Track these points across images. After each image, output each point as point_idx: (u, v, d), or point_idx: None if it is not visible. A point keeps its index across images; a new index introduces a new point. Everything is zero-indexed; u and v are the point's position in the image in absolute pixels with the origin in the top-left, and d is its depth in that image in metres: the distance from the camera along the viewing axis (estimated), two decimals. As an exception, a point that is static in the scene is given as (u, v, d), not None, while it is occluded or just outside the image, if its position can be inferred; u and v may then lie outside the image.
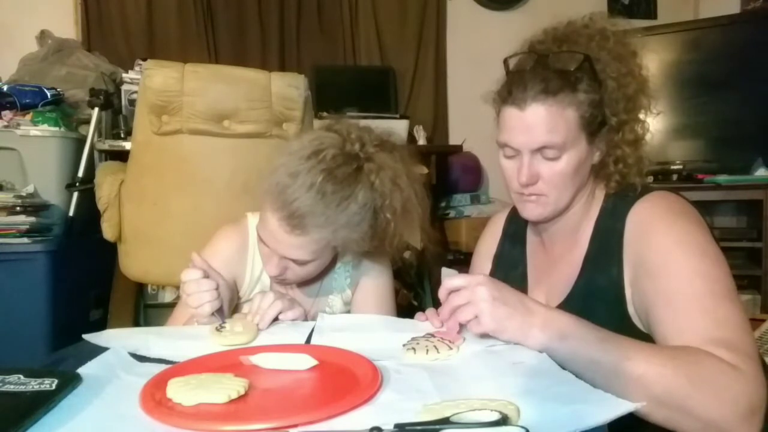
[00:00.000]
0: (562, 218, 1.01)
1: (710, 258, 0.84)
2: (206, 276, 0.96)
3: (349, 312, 1.16)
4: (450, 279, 0.83)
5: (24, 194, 2.01)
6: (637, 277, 0.88)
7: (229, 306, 1.04)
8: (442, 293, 0.84)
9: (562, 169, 0.92)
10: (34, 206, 2.03)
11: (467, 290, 0.80)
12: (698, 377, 0.71)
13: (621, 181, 0.96)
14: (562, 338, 0.75)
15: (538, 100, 0.89)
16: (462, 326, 0.84)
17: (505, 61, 0.98)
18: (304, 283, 1.11)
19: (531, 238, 1.12)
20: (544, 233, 1.06)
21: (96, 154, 2.23)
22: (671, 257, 0.84)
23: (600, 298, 0.92)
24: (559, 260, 1.03)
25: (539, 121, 0.89)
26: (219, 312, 0.97)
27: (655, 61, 2.92)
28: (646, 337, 0.86)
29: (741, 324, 0.79)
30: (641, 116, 0.96)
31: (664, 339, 0.81)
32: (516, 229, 1.16)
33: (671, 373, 0.71)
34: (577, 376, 0.68)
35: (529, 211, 0.98)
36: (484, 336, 0.81)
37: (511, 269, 1.13)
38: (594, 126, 0.92)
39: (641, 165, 0.96)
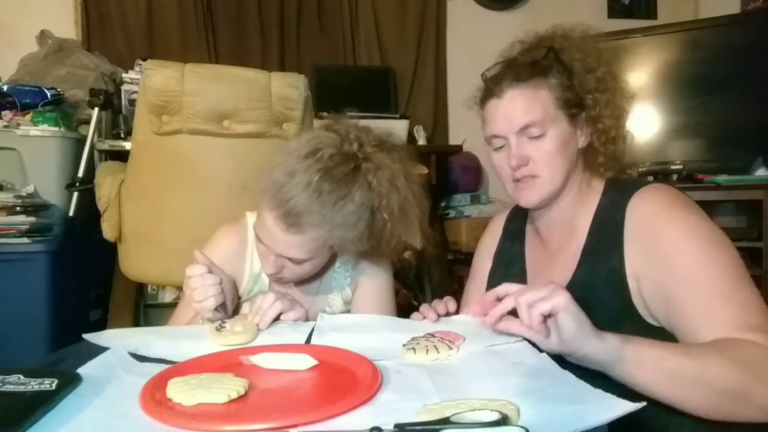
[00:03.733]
0: (558, 207, 1.03)
1: (718, 244, 0.87)
2: (210, 271, 0.98)
3: (348, 311, 1.16)
4: (526, 290, 0.78)
5: (24, 194, 2.01)
6: (646, 271, 0.89)
7: (231, 303, 1.05)
8: (492, 295, 0.81)
9: (548, 147, 0.98)
10: (34, 206, 2.03)
11: (550, 297, 0.73)
12: (753, 366, 0.73)
13: (610, 156, 1.01)
14: (626, 340, 0.74)
15: (512, 86, 0.99)
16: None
17: (483, 74, 1.06)
18: (303, 282, 1.11)
19: (529, 234, 1.15)
20: (542, 228, 1.09)
21: (96, 154, 2.22)
22: (682, 249, 0.86)
23: (600, 288, 0.93)
24: (557, 254, 1.04)
25: (516, 103, 0.98)
26: (222, 307, 0.98)
27: (655, 61, 2.92)
28: (648, 326, 0.88)
29: (761, 306, 0.82)
30: (616, 98, 1.02)
31: (692, 330, 0.82)
32: (516, 227, 1.19)
33: (729, 366, 0.73)
34: (634, 388, 0.70)
35: (527, 197, 1.01)
36: (486, 335, 0.81)
37: (510, 266, 1.15)
38: (573, 108, 0.99)
39: (626, 141, 1.03)
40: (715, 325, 0.79)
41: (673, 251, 0.87)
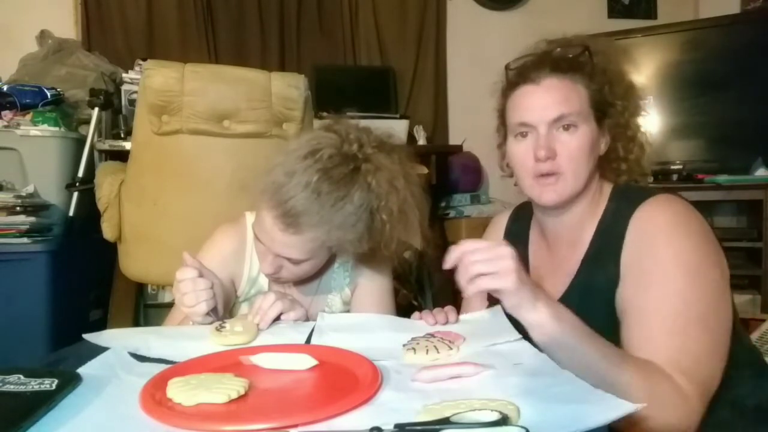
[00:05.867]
0: (570, 211, 1.00)
1: (699, 279, 0.85)
2: (201, 275, 0.96)
3: (348, 311, 1.16)
4: (469, 241, 0.78)
5: (24, 194, 2.01)
6: (625, 283, 0.90)
7: (225, 305, 1.04)
8: (453, 253, 0.78)
9: (577, 143, 0.93)
10: (34, 206, 2.02)
11: (490, 249, 0.76)
12: (657, 395, 0.75)
13: (633, 164, 1.00)
14: (558, 319, 0.76)
15: (551, 75, 0.95)
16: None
17: (507, 65, 1.02)
18: (301, 282, 1.11)
19: (534, 238, 1.12)
20: (549, 232, 1.06)
21: (96, 154, 2.22)
22: (660, 273, 0.86)
23: (596, 296, 0.93)
24: (562, 260, 1.03)
25: (555, 91, 0.94)
26: (213, 311, 0.96)
27: (655, 61, 2.92)
28: None
29: (705, 353, 0.82)
30: (640, 109, 1.03)
31: (628, 347, 0.84)
32: (518, 228, 1.16)
33: (636, 385, 0.74)
34: (560, 365, 0.70)
35: (547, 194, 0.96)
36: (486, 335, 0.81)
37: None
38: (601, 110, 0.97)
39: (645, 149, 1.02)
40: (649, 352, 0.80)
41: (650, 274, 0.86)
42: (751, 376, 0.92)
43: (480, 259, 0.76)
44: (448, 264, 0.78)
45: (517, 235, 1.15)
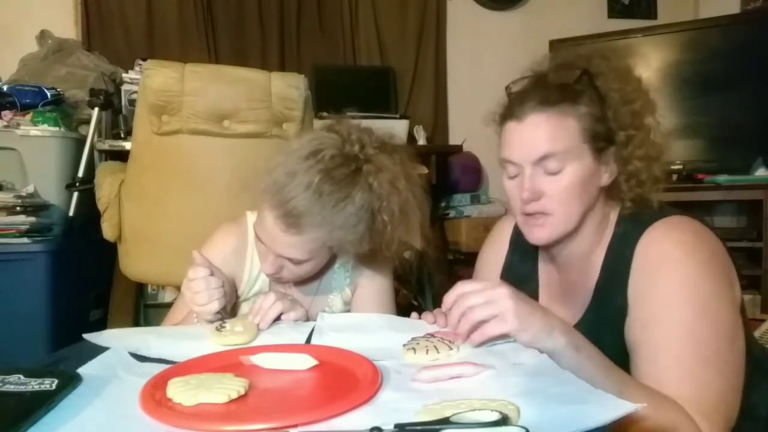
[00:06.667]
0: (574, 242, 0.96)
1: (709, 315, 0.82)
2: (212, 273, 0.97)
3: (348, 312, 1.16)
4: (464, 283, 0.78)
5: (24, 194, 2.01)
6: (632, 313, 0.87)
7: (230, 304, 1.05)
8: (449, 298, 0.78)
9: (566, 183, 0.88)
10: (34, 206, 2.03)
11: (485, 291, 0.75)
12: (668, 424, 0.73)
13: (636, 200, 0.92)
14: (577, 348, 0.74)
15: (537, 110, 0.89)
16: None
17: (507, 88, 0.98)
18: (302, 282, 1.11)
19: (544, 256, 1.08)
20: (558, 257, 1.02)
21: (96, 154, 2.23)
22: (669, 311, 0.83)
23: (607, 327, 0.90)
24: (573, 286, 1.00)
25: (539, 130, 0.88)
26: (223, 309, 0.97)
27: (655, 61, 2.92)
28: None
29: (721, 391, 0.80)
30: (651, 135, 0.92)
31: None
32: (526, 241, 1.09)
33: (653, 416, 0.73)
34: None
35: (535, 234, 0.93)
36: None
37: (521, 285, 1.02)
38: (600, 142, 0.90)
39: (658, 184, 0.93)
40: (665, 393, 0.78)
41: (658, 311, 0.84)
42: (764, 378, 0.90)
43: (477, 303, 0.75)
44: (445, 307, 0.78)
45: (525, 250, 1.10)
